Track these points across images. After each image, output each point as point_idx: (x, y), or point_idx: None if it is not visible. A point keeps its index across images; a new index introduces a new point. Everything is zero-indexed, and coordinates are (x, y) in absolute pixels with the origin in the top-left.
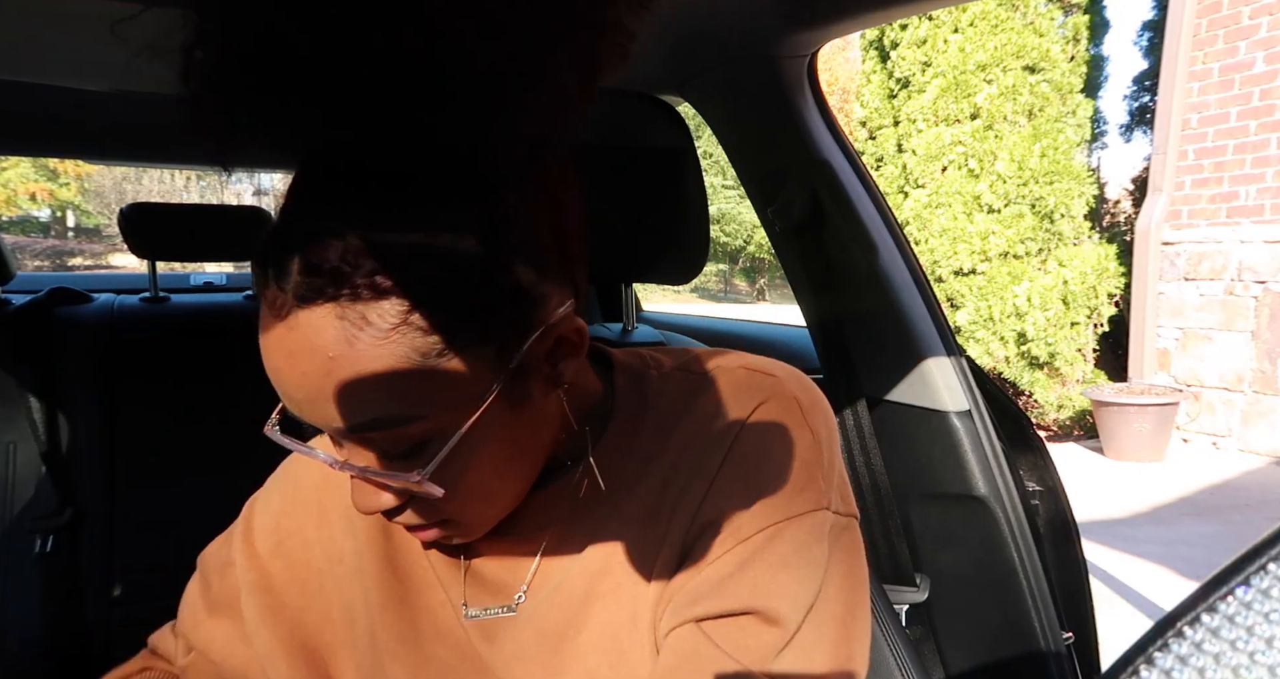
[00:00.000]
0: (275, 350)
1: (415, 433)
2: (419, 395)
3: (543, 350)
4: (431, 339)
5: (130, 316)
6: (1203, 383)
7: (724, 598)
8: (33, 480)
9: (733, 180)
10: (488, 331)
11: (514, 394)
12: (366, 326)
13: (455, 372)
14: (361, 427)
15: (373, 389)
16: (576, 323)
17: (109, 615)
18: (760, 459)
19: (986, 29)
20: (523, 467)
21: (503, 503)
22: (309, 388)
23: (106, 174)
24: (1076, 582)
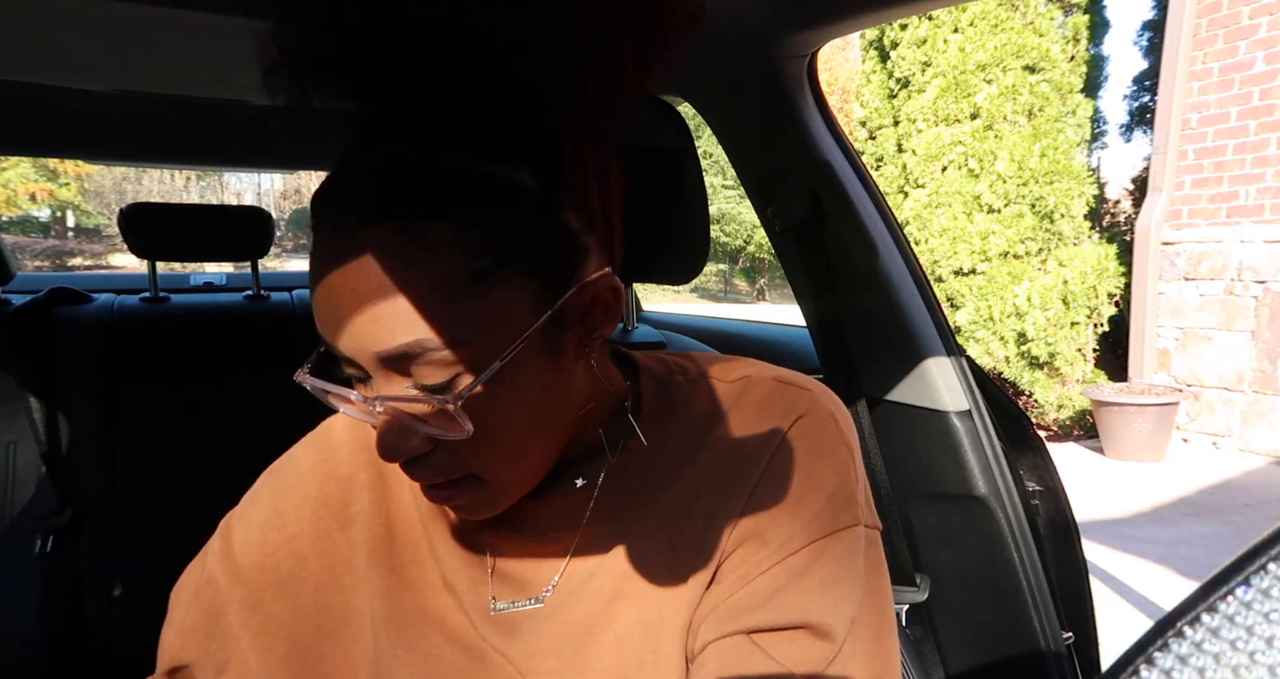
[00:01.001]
0: (329, 273)
1: (455, 360)
2: (465, 318)
3: (581, 306)
4: (483, 262)
5: (130, 317)
6: (1203, 383)
7: (776, 611)
8: (33, 480)
9: (733, 180)
10: (535, 264)
11: (551, 342)
12: (424, 245)
13: (501, 299)
14: (406, 349)
15: (423, 307)
16: (614, 282)
17: (109, 615)
18: (803, 473)
19: (986, 29)
20: (551, 428)
21: (528, 466)
22: (360, 308)
23: (106, 174)
24: (1076, 582)
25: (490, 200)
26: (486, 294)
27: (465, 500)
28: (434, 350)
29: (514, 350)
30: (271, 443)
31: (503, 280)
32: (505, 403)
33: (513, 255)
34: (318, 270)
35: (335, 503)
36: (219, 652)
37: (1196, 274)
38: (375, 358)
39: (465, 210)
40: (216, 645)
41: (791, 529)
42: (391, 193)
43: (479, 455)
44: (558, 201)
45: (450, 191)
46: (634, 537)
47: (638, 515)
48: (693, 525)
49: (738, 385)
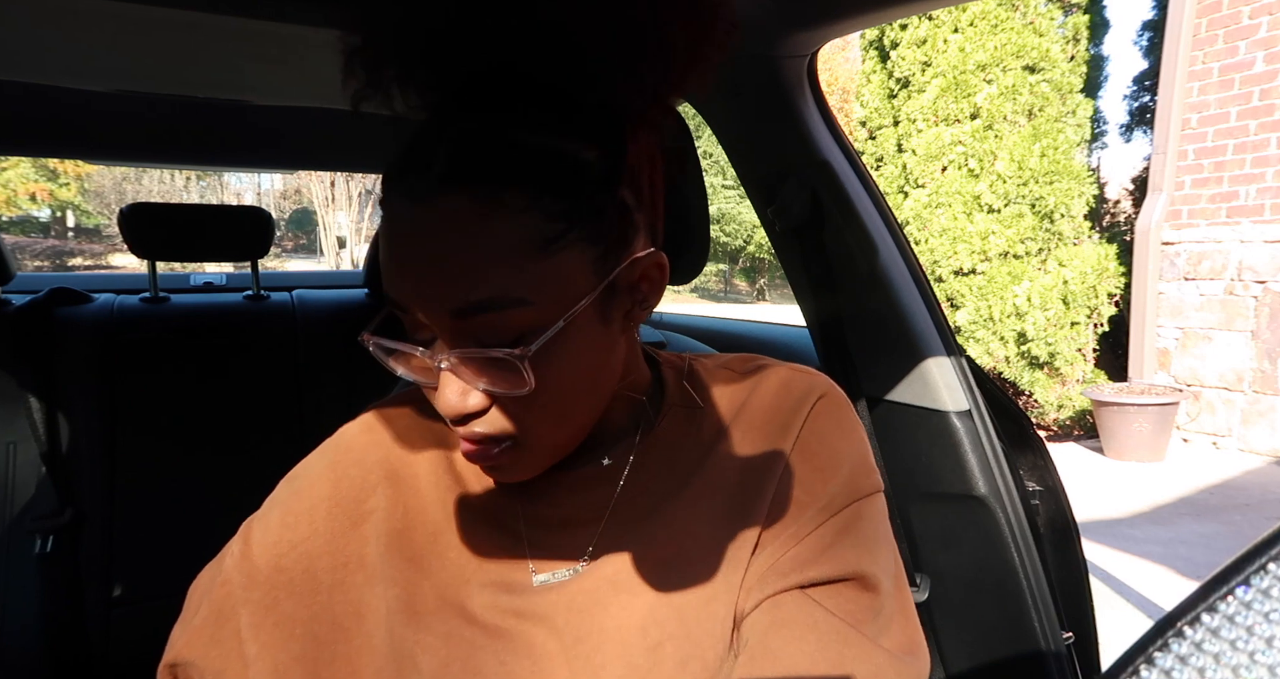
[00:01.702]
0: (405, 235)
1: (522, 319)
2: (536, 278)
3: (631, 280)
4: (552, 227)
5: (130, 316)
6: (1203, 383)
7: (828, 565)
8: (33, 480)
9: (733, 180)
10: (596, 233)
11: (604, 310)
12: (500, 207)
13: (566, 262)
14: (478, 305)
15: (497, 265)
16: (660, 259)
17: (109, 615)
18: (831, 444)
19: (986, 29)
20: (595, 394)
21: (570, 429)
22: (435, 263)
23: (106, 174)
24: (1076, 582)
25: (560, 171)
26: (555, 256)
27: (505, 461)
28: (507, 306)
29: (577, 311)
30: (272, 442)
31: (569, 245)
32: (562, 363)
33: (578, 223)
34: (393, 234)
35: (348, 502)
36: (218, 659)
37: (1196, 274)
38: (451, 312)
39: (537, 179)
40: (217, 652)
41: (831, 492)
42: (470, 161)
43: (530, 414)
44: (618, 178)
45: (524, 162)
46: (665, 512)
47: (667, 491)
48: (727, 498)
49: (755, 374)
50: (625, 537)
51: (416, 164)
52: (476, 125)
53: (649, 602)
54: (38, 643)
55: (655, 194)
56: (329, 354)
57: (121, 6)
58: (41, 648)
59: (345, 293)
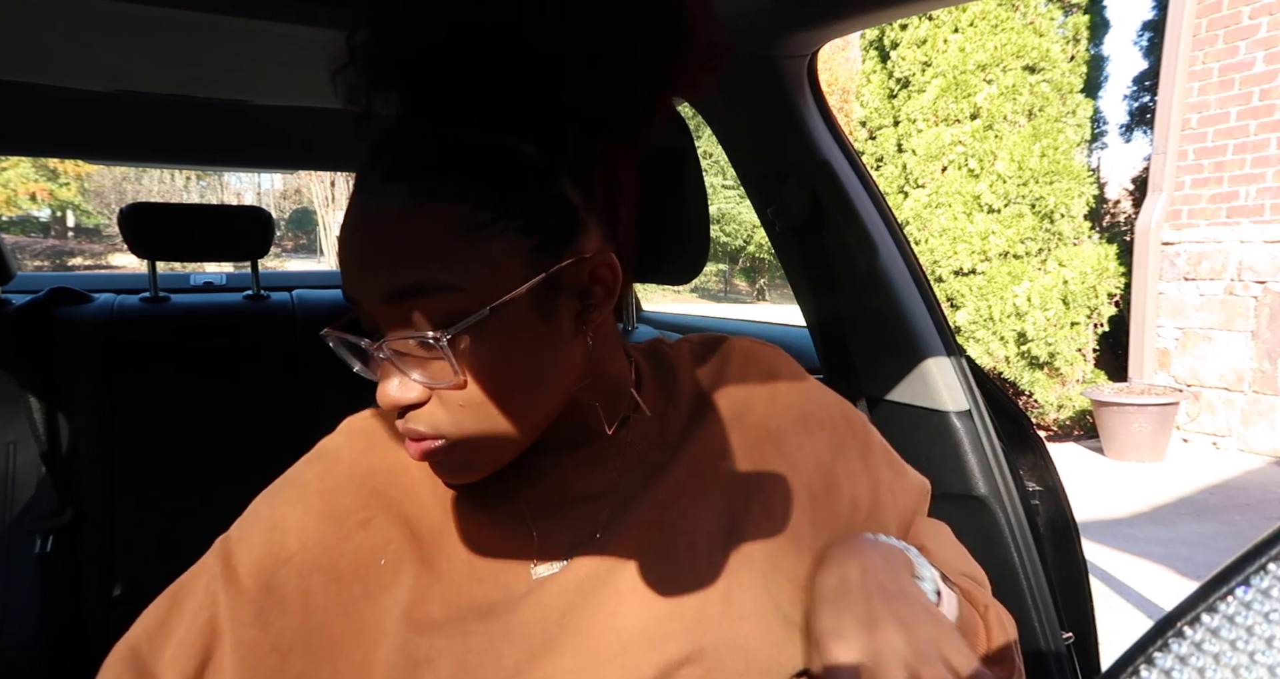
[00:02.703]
0: (350, 227)
1: (451, 306)
2: (460, 265)
3: (578, 280)
4: (480, 214)
5: (130, 316)
6: (1203, 383)
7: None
8: (33, 480)
9: (733, 180)
10: (530, 225)
11: (545, 308)
12: (431, 196)
13: (494, 250)
14: (407, 290)
15: (425, 250)
16: (610, 260)
17: (109, 615)
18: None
19: (986, 29)
20: (537, 394)
21: (511, 428)
22: (371, 250)
23: (106, 174)
24: (1076, 582)
25: (493, 163)
26: (484, 244)
27: (448, 459)
28: (435, 292)
29: (504, 301)
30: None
31: (498, 234)
32: (495, 356)
33: (509, 212)
34: (345, 224)
35: (341, 514)
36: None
37: (1196, 274)
38: (382, 298)
39: (468, 169)
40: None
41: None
42: (408, 155)
43: (465, 409)
44: (556, 174)
45: (459, 154)
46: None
47: (668, 465)
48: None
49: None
50: (626, 519)
51: (369, 160)
52: (421, 123)
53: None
54: (38, 643)
55: (614, 198)
56: (329, 354)
57: (121, 6)
58: (41, 648)
59: None
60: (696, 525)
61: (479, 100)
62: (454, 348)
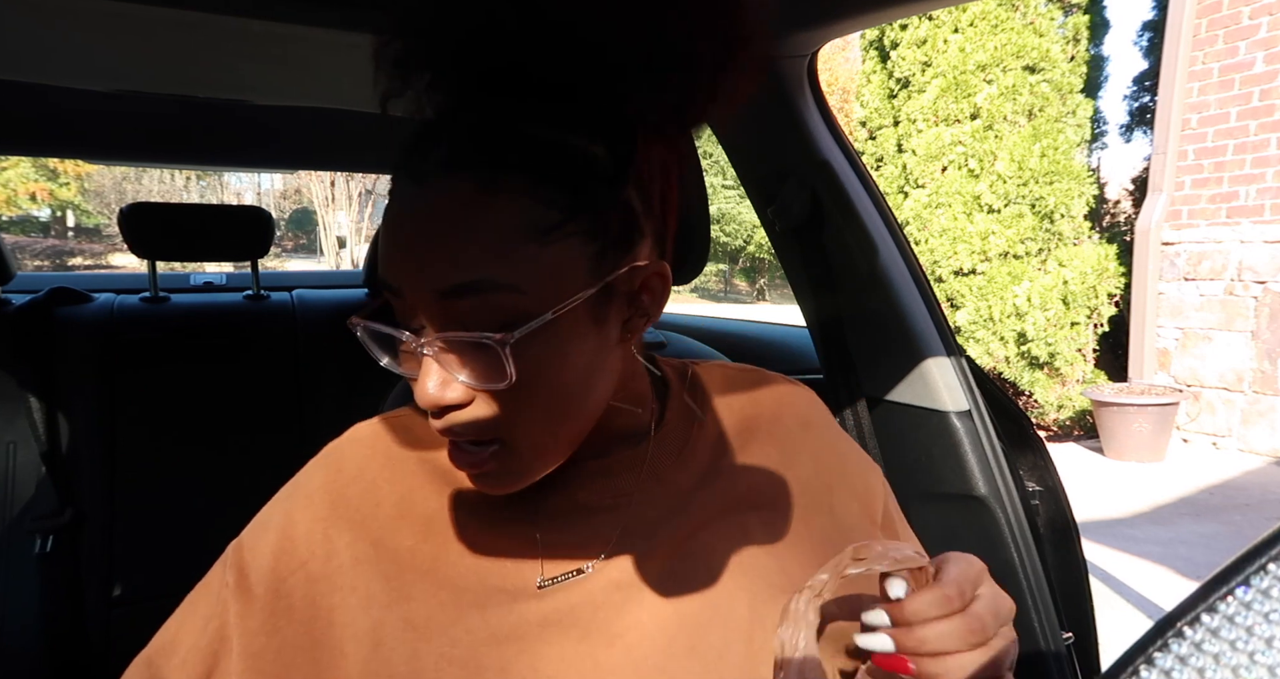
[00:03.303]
0: (404, 215)
1: (510, 307)
2: (525, 266)
3: (631, 287)
4: (549, 216)
5: (130, 316)
6: (1203, 383)
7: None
8: (33, 480)
9: (733, 180)
10: (595, 230)
11: (598, 315)
12: (498, 192)
13: (560, 255)
14: (466, 287)
15: (489, 247)
16: (663, 270)
17: (109, 616)
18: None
19: (986, 29)
20: (583, 402)
21: (556, 435)
22: (429, 242)
23: (106, 174)
24: (1076, 582)
25: (563, 163)
26: (549, 246)
27: (491, 468)
28: (495, 291)
29: (566, 306)
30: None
31: (564, 237)
32: (548, 361)
33: (577, 216)
34: (393, 214)
35: (348, 522)
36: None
37: (1196, 274)
38: (439, 292)
39: (538, 167)
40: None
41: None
42: (473, 146)
43: (512, 413)
44: (623, 179)
45: (527, 149)
46: (691, 505)
47: (688, 484)
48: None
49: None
50: (638, 535)
51: (423, 148)
52: (484, 114)
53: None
54: (38, 643)
55: (666, 207)
56: (329, 354)
57: (121, 6)
58: (41, 648)
59: (345, 293)
60: (722, 560)
61: (543, 97)
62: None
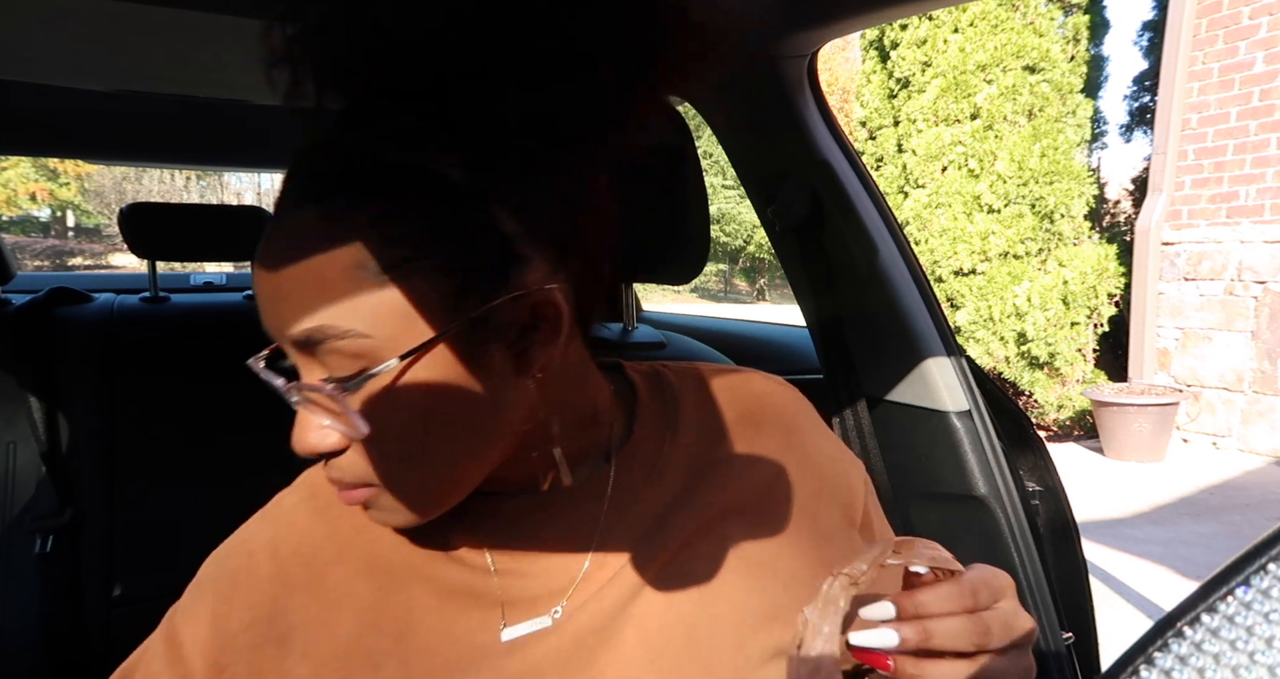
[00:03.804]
0: (260, 253)
1: (362, 351)
2: (368, 309)
3: (515, 319)
4: (395, 251)
5: (130, 316)
6: (1203, 383)
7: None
8: (33, 480)
9: (733, 180)
10: (451, 262)
11: (472, 351)
12: (339, 228)
13: (409, 293)
14: (310, 334)
15: (331, 292)
16: (554, 297)
17: (109, 616)
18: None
19: (986, 29)
20: (466, 443)
21: (435, 479)
22: (276, 286)
23: (106, 174)
24: (1076, 582)
25: (411, 190)
26: (395, 285)
27: (378, 506)
28: (337, 338)
29: (419, 351)
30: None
31: (413, 273)
32: (410, 407)
33: (428, 249)
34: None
35: (297, 582)
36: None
37: (1196, 274)
38: (292, 342)
39: (385, 197)
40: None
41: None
42: (320, 178)
43: (380, 461)
44: (486, 201)
45: (374, 178)
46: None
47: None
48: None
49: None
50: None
51: (284, 183)
52: (334, 143)
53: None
54: (38, 643)
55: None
56: None
57: (121, 6)
58: (41, 648)
59: None
60: (703, 588)
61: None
62: (360, 398)
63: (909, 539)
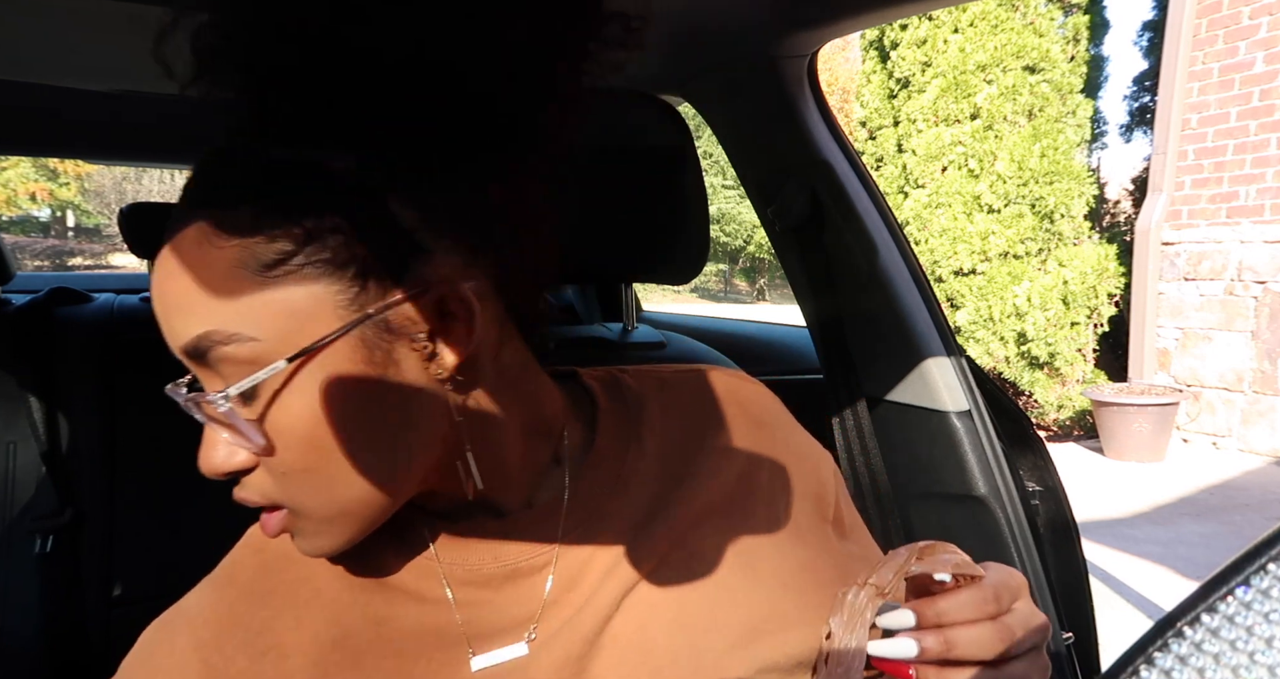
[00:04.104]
0: (155, 263)
1: (248, 356)
2: (252, 312)
3: (420, 316)
4: (275, 248)
5: (130, 316)
6: (1203, 383)
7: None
8: (33, 480)
9: (733, 180)
10: (342, 258)
11: (374, 352)
12: (220, 231)
13: (296, 294)
14: (197, 342)
15: (213, 296)
16: (462, 292)
17: (109, 616)
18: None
19: (986, 29)
20: (381, 452)
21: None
22: (164, 297)
23: (106, 174)
24: (1076, 582)
25: (294, 184)
26: (278, 285)
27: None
28: (223, 343)
29: (310, 351)
30: None
31: (298, 271)
32: (311, 417)
33: (314, 245)
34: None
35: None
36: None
37: (1196, 274)
38: (183, 351)
39: (267, 194)
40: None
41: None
42: (206, 180)
43: (286, 476)
44: (379, 193)
45: (255, 175)
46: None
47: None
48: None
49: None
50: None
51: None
52: (226, 145)
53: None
54: (38, 643)
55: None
56: None
57: (122, 6)
58: (41, 648)
59: None
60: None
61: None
62: (252, 409)
63: (931, 544)
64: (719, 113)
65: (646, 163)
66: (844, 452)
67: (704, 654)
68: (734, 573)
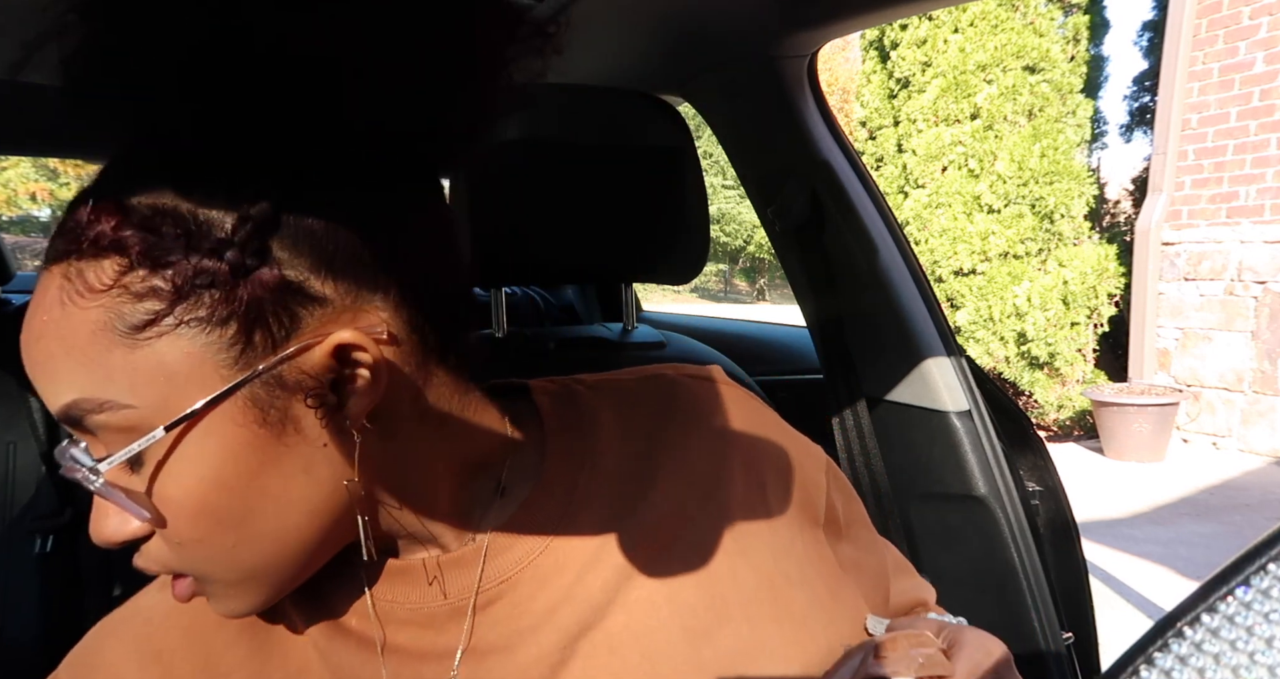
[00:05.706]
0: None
1: (125, 424)
2: (124, 377)
3: (317, 368)
4: (143, 307)
5: None
6: (1203, 383)
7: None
8: (33, 480)
9: (733, 180)
10: (216, 312)
11: (266, 411)
12: (80, 287)
13: (171, 355)
14: (67, 410)
15: (79, 360)
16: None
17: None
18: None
19: (986, 29)
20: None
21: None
22: (29, 360)
23: None
24: (1076, 582)
25: (161, 236)
26: (150, 346)
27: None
28: (94, 410)
29: (189, 418)
30: None
31: (171, 330)
32: (195, 482)
33: (186, 301)
34: None
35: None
36: None
37: (1196, 274)
38: (60, 418)
39: (131, 248)
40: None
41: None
42: (68, 231)
43: (182, 546)
44: (253, 241)
45: (123, 227)
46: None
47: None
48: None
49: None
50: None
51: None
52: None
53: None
54: (38, 643)
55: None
56: None
57: None
58: (41, 648)
59: None
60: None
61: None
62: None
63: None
64: (719, 113)
65: (646, 163)
66: (844, 452)
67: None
68: (698, 613)
